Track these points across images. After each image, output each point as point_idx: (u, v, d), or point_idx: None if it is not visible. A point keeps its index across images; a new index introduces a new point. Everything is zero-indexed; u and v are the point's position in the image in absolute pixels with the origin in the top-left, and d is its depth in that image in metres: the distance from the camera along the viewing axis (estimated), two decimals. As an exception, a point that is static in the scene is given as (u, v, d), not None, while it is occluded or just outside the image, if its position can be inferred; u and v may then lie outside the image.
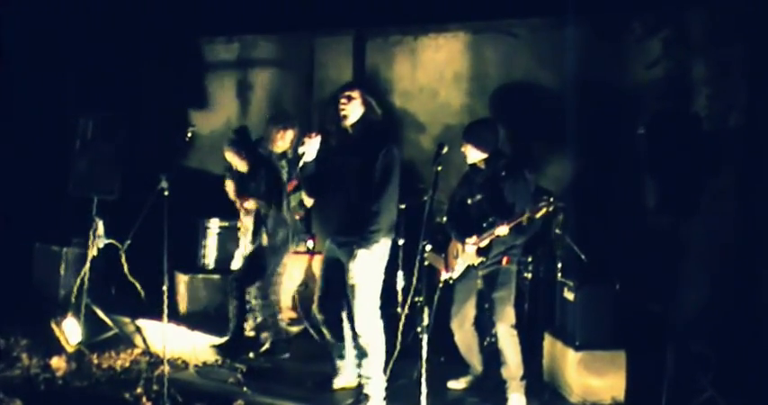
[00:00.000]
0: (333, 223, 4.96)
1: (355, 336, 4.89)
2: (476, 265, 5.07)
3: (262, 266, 5.94)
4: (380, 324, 4.89)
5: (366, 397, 4.88)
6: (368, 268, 4.79)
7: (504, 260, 5.04)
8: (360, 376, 4.96)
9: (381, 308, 4.96)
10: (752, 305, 5.91)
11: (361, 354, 4.89)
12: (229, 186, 6.09)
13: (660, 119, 5.03)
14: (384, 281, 4.95)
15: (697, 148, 4.79)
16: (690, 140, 4.77)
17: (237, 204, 6.08)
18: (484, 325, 5.42)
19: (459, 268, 5.14)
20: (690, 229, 5.33)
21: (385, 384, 4.91)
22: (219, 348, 5.90)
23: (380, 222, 4.74)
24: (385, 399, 4.91)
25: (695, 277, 5.91)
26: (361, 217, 4.73)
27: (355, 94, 4.84)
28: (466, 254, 5.06)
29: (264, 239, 5.91)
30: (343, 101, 4.82)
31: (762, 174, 5.96)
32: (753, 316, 5.87)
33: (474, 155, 5.08)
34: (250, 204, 5.93)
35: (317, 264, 6.49)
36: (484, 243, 4.96)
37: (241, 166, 5.98)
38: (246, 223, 6.03)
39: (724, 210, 5.95)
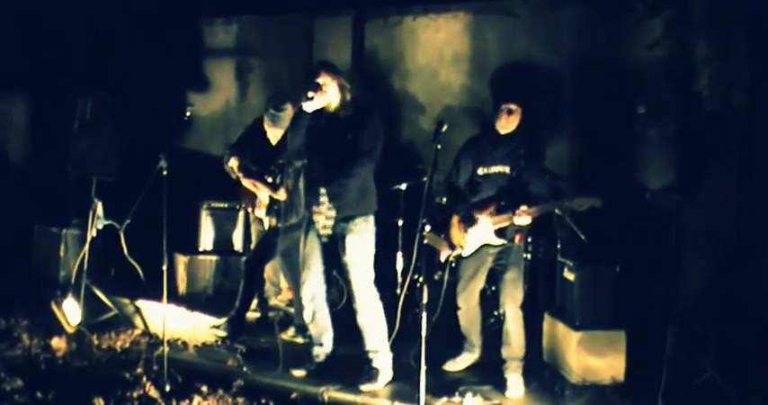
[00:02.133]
0: (319, 200, 4.91)
1: (356, 311, 4.90)
2: (495, 245, 4.98)
3: (272, 248, 5.94)
4: (377, 295, 4.92)
5: (376, 371, 4.90)
6: (364, 241, 4.83)
7: (517, 238, 4.98)
8: (366, 351, 4.96)
9: (381, 289, 4.97)
10: (753, 286, 5.91)
11: (363, 329, 4.91)
12: (234, 163, 6.02)
13: (661, 99, 5.00)
14: (384, 262, 4.95)
15: (698, 128, 4.77)
16: (691, 121, 4.75)
17: (245, 182, 6.04)
18: (485, 305, 5.38)
19: (471, 246, 5.02)
20: (691, 210, 5.31)
21: (392, 356, 4.94)
22: (219, 328, 5.89)
23: (370, 193, 4.83)
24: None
25: (696, 258, 5.90)
26: (350, 191, 4.76)
27: (327, 79, 4.78)
28: (482, 232, 4.96)
29: (273, 221, 5.91)
30: (320, 90, 4.74)
31: (764, 154, 5.93)
32: (753, 297, 5.86)
33: (513, 122, 4.95)
34: (264, 201, 5.92)
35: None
36: (500, 226, 4.89)
37: (273, 138, 5.95)
38: (263, 200, 6.00)
39: (726, 190, 5.92)
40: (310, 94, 4.71)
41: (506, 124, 4.97)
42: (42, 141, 8.06)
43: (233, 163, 5.97)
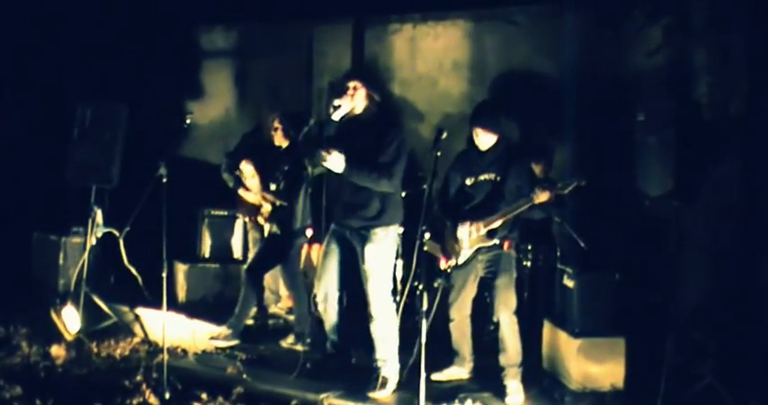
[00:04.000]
0: (341, 208, 4.98)
1: (370, 319, 4.92)
2: (488, 246, 5.00)
3: (274, 256, 5.94)
4: (394, 306, 4.94)
5: (385, 380, 4.90)
6: (384, 251, 4.87)
7: (506, 245, 5.00)
8: (376, 360, 4.96)
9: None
10: (752, 293, 5.90)
11: (376, 338, 4.93)
12: (249, 171, 6.00)
13: (660, 106, 5.01)
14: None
15: (697, 135, 4.78)
16: (690, 128, 4.76)
17: (251, 191, 6.03)
18: (479, 313, 5.36)
19: (465, 253, 5.04)
20: (690, 217, 5.31)
21: (399, 366, 4.94)
22: (217, 339, 5.88)
23: (394, 204, 4.89)
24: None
25: (695, 265, 5.90)
26: (373, 201, 4.83)
27: (358, 84, 4.84)
28: (475, 236, 4.98)
29: (275, 228, 5.91)
30: (349, 92, 4.81)
31: (764, 162, 5.94)
32: (752, 304, 5.86)
33: (486, 140, 5.00)
34: (266, 207, 5.92)
35: (316, 253, 6.49)
36: (497, 224, 4.90)
37: (278, 140, 5.94)
38: (267, 208, 5.99)
39: (725, 198, 5.93)
40: (337, 102, 4.78)
41: (482, 142, 5.02)
42: (41, 149, 8.06)
43: (250, 174, 5.97)
